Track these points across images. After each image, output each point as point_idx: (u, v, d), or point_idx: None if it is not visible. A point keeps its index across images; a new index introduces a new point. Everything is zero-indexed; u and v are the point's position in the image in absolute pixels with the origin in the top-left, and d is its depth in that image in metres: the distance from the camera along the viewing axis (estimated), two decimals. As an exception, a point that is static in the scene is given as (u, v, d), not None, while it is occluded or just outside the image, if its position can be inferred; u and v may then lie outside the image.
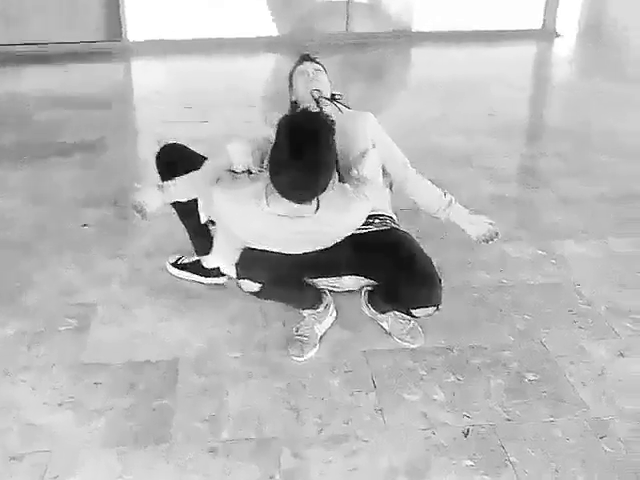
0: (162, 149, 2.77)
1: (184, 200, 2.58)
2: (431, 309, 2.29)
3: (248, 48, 6.88)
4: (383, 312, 2.48)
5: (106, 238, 3.20)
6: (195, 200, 2.59)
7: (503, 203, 3.58)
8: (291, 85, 2.83)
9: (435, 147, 4.31)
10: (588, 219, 3.42)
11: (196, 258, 2.85)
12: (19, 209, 3.49)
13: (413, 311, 2.32)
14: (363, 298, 2.57)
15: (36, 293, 2.76)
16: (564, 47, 7.75)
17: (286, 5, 7.34)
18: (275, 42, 7.14)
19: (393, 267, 2.28)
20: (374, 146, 2.52)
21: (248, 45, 6.94)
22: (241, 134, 4.08)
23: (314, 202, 2.15)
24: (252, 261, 2.27)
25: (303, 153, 1.99)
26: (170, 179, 2.55)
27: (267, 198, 2.16)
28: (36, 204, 3.56)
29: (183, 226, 2.79)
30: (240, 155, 2.34)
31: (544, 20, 7.86)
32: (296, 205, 2.12)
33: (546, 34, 7.81)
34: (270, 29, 7.23)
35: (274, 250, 2.26)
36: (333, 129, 2.07)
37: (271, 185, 2.14)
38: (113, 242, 3.16)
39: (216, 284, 2.80)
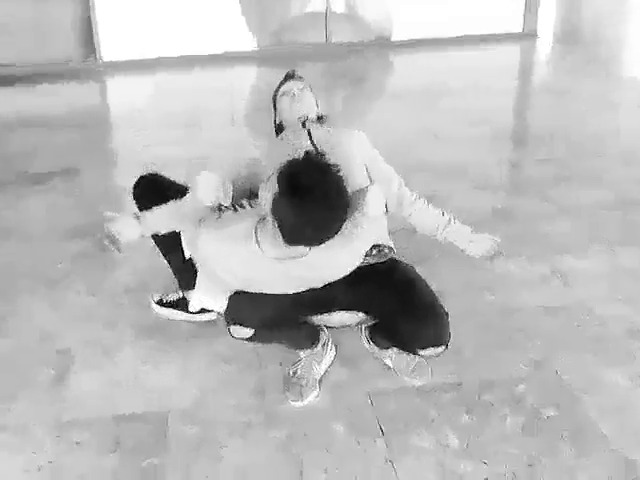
0: (139, 179, 2.59)
1: (163, 232, 2.39)
2: (439, 348, 2.11)
3: (227, 63, 6.71)
4: (385, 348, 2.31)
5: (84, 274, 3.00)
6: (177, 233, 2.40)
7: (499, 216, 3.42)
8: (275, 106, 2.67)
9: (422, 159, 4.15)
10: (590, 228, 3.27)
11: (181, 295, 2.66)
12: (-13, 245, 3.28)
13: (419, 351, 2.14)
14: (363, 334, 2.39)
15: (9, 341, 2.56)
16: (545, 49, 7.66)
17: (264, 18, 7.18)
18: (254, 56, 6.98)
19: (393, 302, 2.11)
20: (371, 180, 2.36)
21: (227, 60, 6.77)
22: (218, 157, 4.03)
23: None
24: (241, 305, 2.09)
25: (313, 211, 1.79)
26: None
27: (257, 239, 1.98)
28: (6, 239, 3.35)
29: (165, 261, 2.60)
30: (208, 190, 2.12)
31: (524, 23, 7.77)
32: (288, 247, 1.94)
33: (527, 37, 7.71)
34: (248, 43, 7.06)
35: (264, 292, 2.08)
36: (342, 177, 1.88)
37: (261, 224, 1.97)
38: (91, 278, 2.97)
39: (206, 321, 2.62)
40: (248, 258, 1.99)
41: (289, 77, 2.69)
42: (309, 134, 2.45)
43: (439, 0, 7.29)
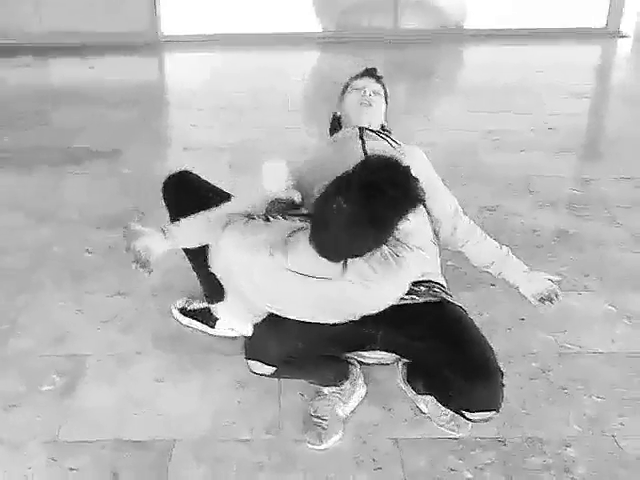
0: (169, 178, 2.39)
1: (195, 245, 2.19)
2: (489, 413, 1.84)
3: (289, 44, 6.45)
4: (423, 393, 2.05)
5: (111, 269, 2.83)
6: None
7: (563, 240, 3.10)
8: (343, 94, 2.44)
9: (485, 168, 3.84)
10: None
11: (206, 305, 2.46)
12: (20, 228, 3.14)
13: (465, 413, 1.88)
14: (400, 372, 2.13)
15: (22, 340, 2.41)
16: (629, 49, 7.14)
17: (331, 1, 6.88)
18: (317, 38, 6.70)
19: (440, 354, 1.84)
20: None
21: (289, 41, 6.51)
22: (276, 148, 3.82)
23: (340, 263, 1.74)
24: (264, 339, 1.87)
25: (375, 200, 1.58)
26: (177, 216, 2.17)
27: (285, 249, 1.75)
28: (40, 222, 3.21)
29: (191, 267, 2.40)
30: (276, 178, 1.95)
31: (607, 19, 7.27)
32: (320, 262, 1.70)
33: (609, 34, 7.22)
34: (313, 25, 6.78)
35: (291, 317, 1.84)
36: (422, 200, 1.66)
37: (294, 235, 1.74)
38: (118, 274, 2.79)
39: (227, 337, 2.41)
40: (273, 270, 1.77)
41: (368, 74, 2.45)
42: (363, 146, 2.20)
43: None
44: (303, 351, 1.88)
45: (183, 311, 2.51)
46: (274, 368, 1.89)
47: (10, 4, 6.17)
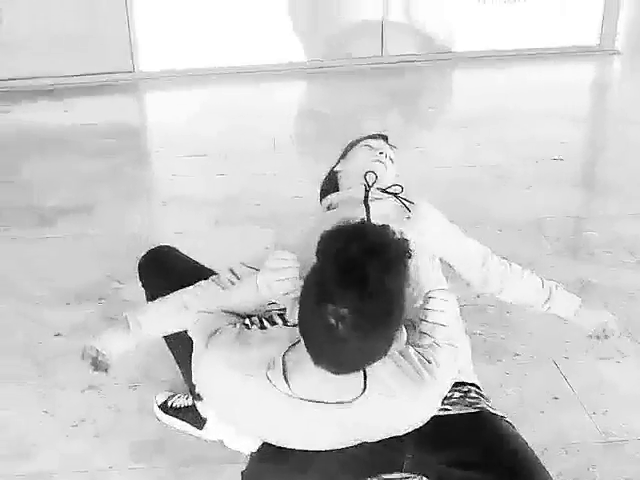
0: (146, 255, 2.08)
1: (165, 334, 1.87)
2: None
3: (273, 76, 6.16)
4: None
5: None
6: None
7: (589, 292, 2.79)
8: (345, 154, 2.12)
9: (485, 209, 3.51)
10: None
11: (191, 402, 2.12)
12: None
13: None
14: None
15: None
16: (624, 66, 6.90)
17: (315, 27, 6.60)
18: (303, 69, 6.41)
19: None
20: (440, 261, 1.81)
21: (273, 73, 6.22)
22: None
23: (359, 379, 1.40)
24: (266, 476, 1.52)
25: (366, 281, 1.24)
26: (154, 296, 1.85)
27: (285, 370, 1.41)
28: (2, 299, 2.87)
29: (171, 355, 2.07)
30: (284, 273, 1.55)
31: (601, 36, 7.03)
32: (332, 382, 1.36)
33: (604, 52, 6.98)
34: (298, 55, 6.49)
35: (293, 447, 1.50)
36: (409, 257, 1.33)
37: (293, 350, 1.40)
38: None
39: (216, 441, 2.07)
40: (271, 396, 1.42)
41: (383, 138, 2.15)
42: (367, 210, 1.89)
43: (504, 11, 6.63)
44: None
45: (164, 407, 2.17)
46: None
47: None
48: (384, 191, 1.96)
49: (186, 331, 1.76)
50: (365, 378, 1.40)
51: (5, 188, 3.98)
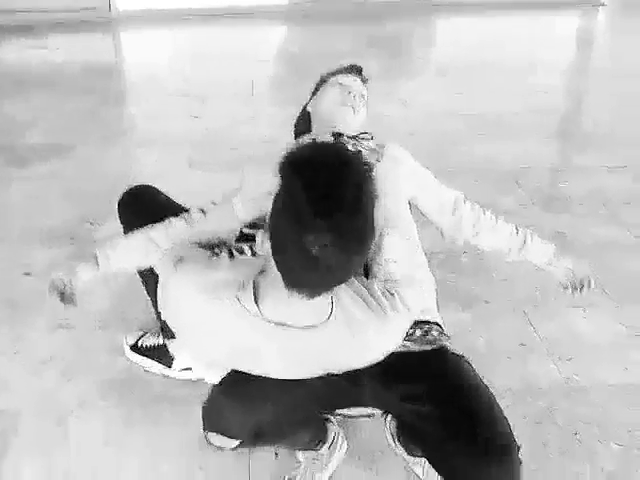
0: (127, 193, 2.03)
1: (131, 270, 1.86)
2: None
3: (252, 19, 6.03)
4: (417, 456, 1.74)
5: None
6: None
7: (564, 245, 2.78)
8: (316, 91, 2.07)
9: (465, 158, 3.51)
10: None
11: (161, 341, 2.13)
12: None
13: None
14: (388, 429, 1.82)
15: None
16: (611, 19, 6.83)
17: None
18: (284, 12, 6.28)
19: (444, 426, 1.47)
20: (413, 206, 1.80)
21: (252, 15, 6.09)
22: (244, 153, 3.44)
23: (327, 305, 1.40)
24: (227, 406, 1.51)
25: (341, 204, 1.20)
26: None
27: (255, 293, 1.39)
28: (-26, 239, 2.83)
29: (144, 291, 2.05)
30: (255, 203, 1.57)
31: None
32: (301, 305, 1.36)
33: (589, 3, 6.90)
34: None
35: (258, 374, 1.50)
36: (370, 171, 1.29)
37: (262, 275, 1.39)
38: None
39: (186, 380, 2.08)
40: (239, 319, 1.41)
41: (356, 71, 2.09)
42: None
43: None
44: (273, 416, 1.54)
45: (135, 347, 2.17)
46: (238, 441, 1.55)
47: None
48: (354, 138, 1.93)
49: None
50: (332, 305, 1.40)
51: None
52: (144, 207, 1.97)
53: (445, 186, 1.94)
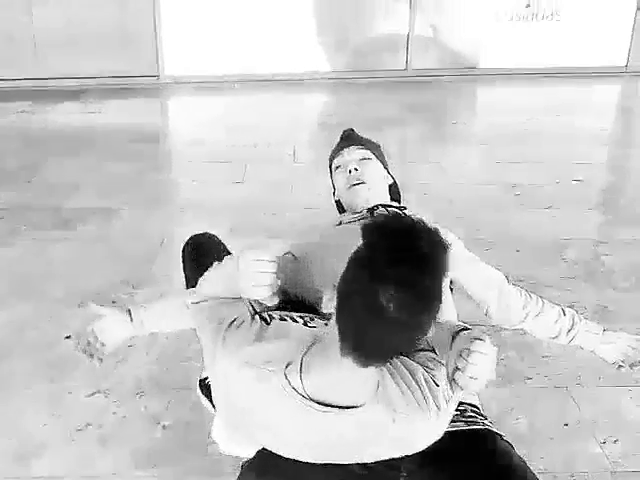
0: (188, 242, 2.07)
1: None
2: None
3: (296, 87, 6.18)
4: None
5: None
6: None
7: (607, 319, 2.74)
8: (331, 174, 2.13)
9: (509, 229, 3.49)
10: None
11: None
12: (-2, 304, 2.82)
13: None
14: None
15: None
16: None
17: (341, 38, 6.60)
18: (326, 80, 6.42)
19: None
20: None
21: (296, 84, 6.24)
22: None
23: (373, 382, 1.37)
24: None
25: (419, 258, 1.22)
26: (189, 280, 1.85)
27: (302, 370, 1.35)
28: (21, 298, 2.89)
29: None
30: (259, 279, 1.50)
31: (629, 56, 6.96)
32: (347, 380, 1.33)
33: (632, 73, 6.91)
34: (321, 65, 6.50)
35: (286, 455, 1.48)
36: (447, 246, 1.29)
37: (312, 348, 1.37)
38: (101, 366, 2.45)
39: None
40: (282, 397, 1.38)
41: (345, 141, 2.13)
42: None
43: (531, 29, 6.60)
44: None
45: (201, 384, 2.14)
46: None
47: (8, 46, 5.91)
48: (387, 207, 1.96)
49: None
50: (377, 387, 1.38)
51: (28, 188, 4.02)
52: (201, 254, 1.98)
53: (487, 265, 1.93)
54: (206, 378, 2.13)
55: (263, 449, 1.54)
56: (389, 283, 1.19)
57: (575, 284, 2.99)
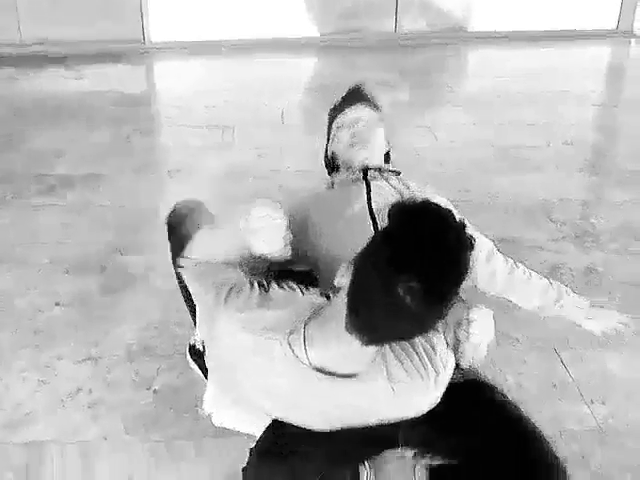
0: (173, 210, 2.00)
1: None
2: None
3: (285, 50, 6.09)
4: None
5: (81, 325, 2.48)
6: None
7: (596, 281, 2.76)
8: (329, 130, 2.09)
9: (494, 193, 3.47)
10: None
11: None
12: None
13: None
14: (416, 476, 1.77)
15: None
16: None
17: (329, 2, 6.50)
18: (315, 43, 6.34)
19: (489, 453, 1.42)
20: None
21: (284, 47, 6.15)
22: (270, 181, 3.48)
23: (372, 352, 1.36)
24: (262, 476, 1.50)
25: (439, 272, 1.19)
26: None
27: (304, 337, 1.36)
28: (6, 266, 2.86)
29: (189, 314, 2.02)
30: (270, 239, 1.48)
31: (619, 19, 6.90)
32: (347, 351, 1.32)
33: (621, 35, 6.85)
34: (310, 29, 6.41)
35: (298, 424, 1.48)
36: (473, 245, 1.27)
37: (315, 317, 1.36)
38: (90, 332, 2.45)
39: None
40: (286, 365, 1.38)
41: (355, 98, 2.09)
42: (368, 190, 1.87)
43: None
44: (313, 477, 1.52)
45: (191, 350, 2.15)
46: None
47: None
48: (379, 170, 1.94)
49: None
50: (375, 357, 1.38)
51: (13, 155, 3.95)
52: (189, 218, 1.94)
53: (477, 232, 1.92)
54: (195, 345, 2.13)
55: (269, 428, 1.53)
56: (411, 273, 1.17)
57: (564, 245, 2.99)
